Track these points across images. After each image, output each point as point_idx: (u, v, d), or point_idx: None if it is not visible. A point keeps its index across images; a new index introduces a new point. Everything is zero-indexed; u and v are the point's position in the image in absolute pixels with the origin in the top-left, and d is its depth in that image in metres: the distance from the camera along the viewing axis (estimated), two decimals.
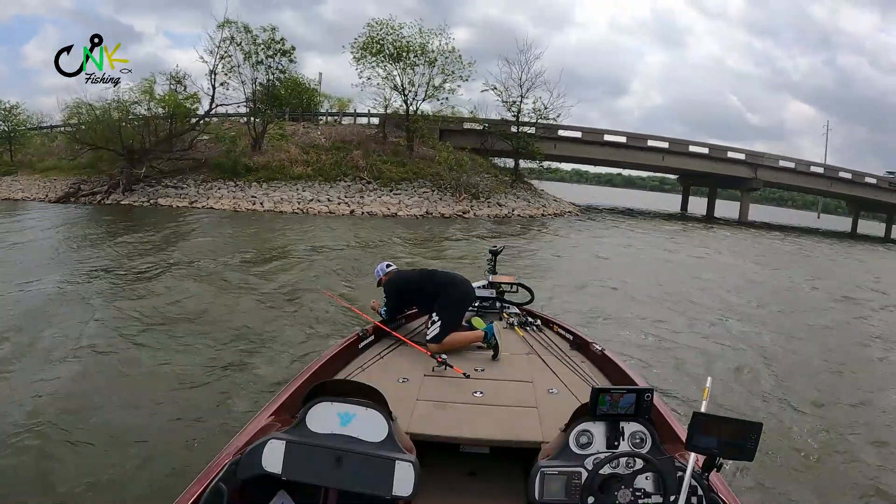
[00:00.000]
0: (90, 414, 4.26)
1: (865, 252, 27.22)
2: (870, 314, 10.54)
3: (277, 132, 27.49)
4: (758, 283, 12.80)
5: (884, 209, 45.13)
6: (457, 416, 2.88)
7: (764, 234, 31.12)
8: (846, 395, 5.85)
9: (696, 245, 20.56)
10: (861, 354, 7.62)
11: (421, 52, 28.87)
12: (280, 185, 25.16)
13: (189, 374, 5.11)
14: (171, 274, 9.56)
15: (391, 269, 4.59)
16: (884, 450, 4.62)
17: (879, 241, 39.35)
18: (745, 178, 38.23)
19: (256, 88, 27.57)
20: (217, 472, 2.07)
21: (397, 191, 26.34)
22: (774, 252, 21.77)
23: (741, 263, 16.35)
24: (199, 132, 26.50)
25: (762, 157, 38.74)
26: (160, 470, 3.55)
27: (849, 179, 40.21)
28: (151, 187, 23.79)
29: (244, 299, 8.06)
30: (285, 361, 5.57)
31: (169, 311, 7.17)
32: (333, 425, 2.15)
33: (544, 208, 29.61)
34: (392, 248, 14.00)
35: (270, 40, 27.01)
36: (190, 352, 5.73)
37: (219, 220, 18.77)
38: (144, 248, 12.14)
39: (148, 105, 24.76)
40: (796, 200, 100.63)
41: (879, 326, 9.47)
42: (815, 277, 14.82)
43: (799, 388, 5.86)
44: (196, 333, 6.33)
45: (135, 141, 24.07)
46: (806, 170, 39.83)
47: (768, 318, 9.28)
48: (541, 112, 32.23)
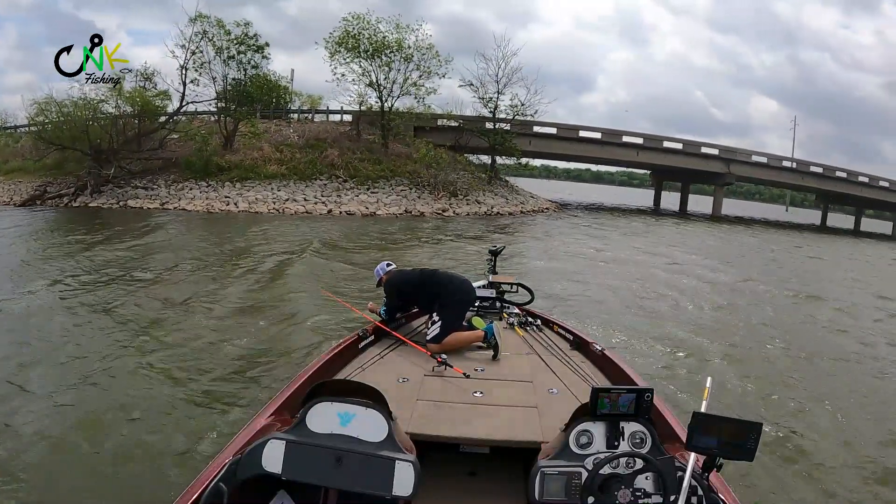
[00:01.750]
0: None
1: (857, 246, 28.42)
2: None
3: (250, 130, 27.18)
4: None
5: (853, 202, 46.92)
6: (457, 416, 2.94)
7: (747, 229, 32.43)
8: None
9: (697, 244, 21.32)
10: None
11: (397, 48, 28.96)
12: (254, 185, 25.00)
13: (156, 403, 4.68)
14: (138, 287, 8.83)
15: (391, 268, 4.67)
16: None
17: (851, 233, 41.06)
18: (718, 173, 39.31)
19: (228, 85, 27.28)
20: (217, 471, 2.11)
21: (374, 189, 26.45)
22: (786, 250, 22.97)
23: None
24: (169, 130, 26.15)
25: (735, 152, 39.89)
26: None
27: (820, 173, 41.66)
28: (120, 188, 23.40)
29: (216, 315, 7.47)
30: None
31: (144, 334, 6.54)
32: (333, 425, 2.17)
33: (522, 205, 30.09)
34: (378, 254, 13.50)
35: (244, 35, 26.73)
36: (159, 377, 5.25)
37: (192, 223, 18.64)
38: (111, 257, 11.46)
39: (116, 102, 24.33)
40: (763, 194, 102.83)
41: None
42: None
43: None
44: (173, 355, 5.81)
45: (103, 140, 23.65)
46: (778, 164, 41.19)
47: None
48: (518, 108, 32.61)
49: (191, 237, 15.46)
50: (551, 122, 36.29)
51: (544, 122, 35.30)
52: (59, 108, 23.03)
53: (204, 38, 26.01)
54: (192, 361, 5.65)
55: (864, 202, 46.08)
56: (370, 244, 15.34)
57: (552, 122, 36.38)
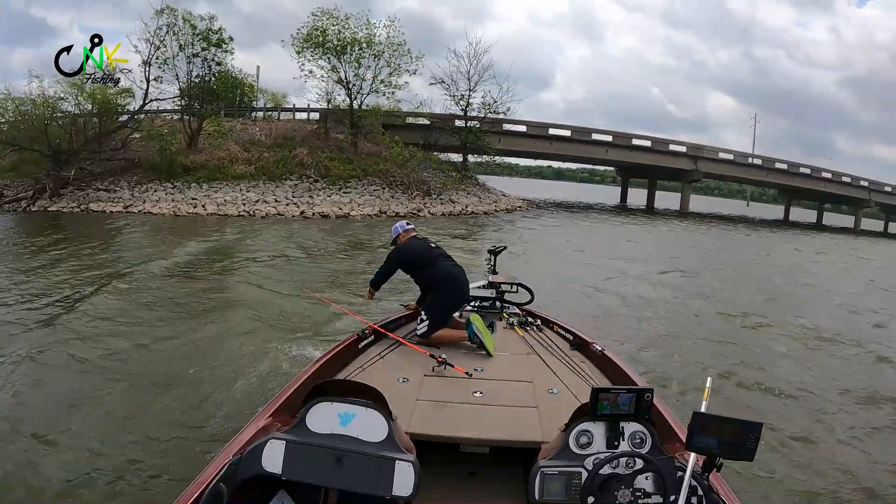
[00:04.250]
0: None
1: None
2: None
3: (216, 129, 26.89)
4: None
5: (815, 197, 49.30)
6: (457, 416, 3.01)
7: (727, 226, 34.05)
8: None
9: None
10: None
11: (367, 44, 29.12)
12: (221, 186, 24.79)
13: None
14: (102, 308, 7.87)
15: (410, 227, 4.90)
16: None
17: (813, 227, 43.25)
18: (686, 170, 40.65)
19: (192, 82, 27.00)
20: (217, 472, 2.14)
21: (347, 189, 26.58)
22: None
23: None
24: (131, 130, 25.70)
25: (703, 149, 41.43)
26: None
27: (785, 170, 43.52)
28: (81, 191, 22.88)
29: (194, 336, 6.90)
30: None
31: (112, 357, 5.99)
32: (333, 425, 2.21)
33: (496, 204, 30.68)
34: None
35: (208, 30, 26.45)
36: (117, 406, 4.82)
37: (158, 227, 18.25)
38: (69, 269, 10.57)
39: (77, 101, 23.80)
40: (722, 189, 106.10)
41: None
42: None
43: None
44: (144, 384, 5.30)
45: (62, 140, 23.15)
46: (745, 161, 42.99)
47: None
48: (490, 106, 33.13)
49: (153, 250, 13.74)
50: (521, 119, 37.03)
51: (514, 119, 36.01)
52: (17, 107, 22.45)
53: (169, 32, 25.67)
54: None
55: (825, 197, 48.35)
56: (358, 250, 15.43)
57: (522, 119, 37.13)
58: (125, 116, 25.98)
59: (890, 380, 7.05)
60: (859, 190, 46.23)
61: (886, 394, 6.35)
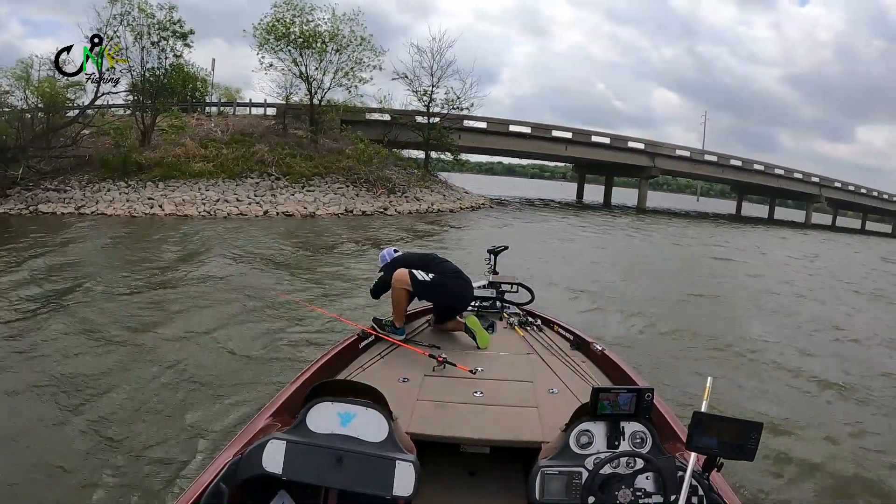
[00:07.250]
0: None
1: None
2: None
3: (174, 123, 26.43)
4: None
5: (767, 193, 52.18)
6: (457, 416, 3.05)
7: (691, 222, 35.41)
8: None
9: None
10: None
11: (330, 38, 29.20)
12: (179, 185, 24.43)
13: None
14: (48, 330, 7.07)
15: (398, 254, 4.76)
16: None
17: (765, 221, 45.84)
18: (643, 166, 42.18)
19: (146, 76, 26.49)
20: (217, 472, 2.19)
21: (310, 188, 26.73)
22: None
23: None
24: (82, 125, 25.06)
25: (661, 146, 43.27)
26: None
27: (739, 166, 45.88)
28: (30, 191, 22.22)
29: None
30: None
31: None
32: (334, 425, 2.25)
33: (461, 202, 31.41)
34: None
35: (168, 20, 26.00)
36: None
37: (113, 230, 17.63)
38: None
39: (24, 94, 23.10)
40: (671, 185, 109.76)
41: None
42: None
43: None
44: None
45: (8, 137, 22.43)
46: (700, 158, 45.03)
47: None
48: (453, 102, 33.69)
49: (107, 256, 13.19)
50: (482, 116, 37.73)
51: (475, 116, 36.66)
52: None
53: (123, 21, 25.10)
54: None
55: (777, 192, 51.11)
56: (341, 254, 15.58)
57: (483, 116, 37.83)
58: (75, 111, 25.30)
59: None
60: (811, 186, 49.57)
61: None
